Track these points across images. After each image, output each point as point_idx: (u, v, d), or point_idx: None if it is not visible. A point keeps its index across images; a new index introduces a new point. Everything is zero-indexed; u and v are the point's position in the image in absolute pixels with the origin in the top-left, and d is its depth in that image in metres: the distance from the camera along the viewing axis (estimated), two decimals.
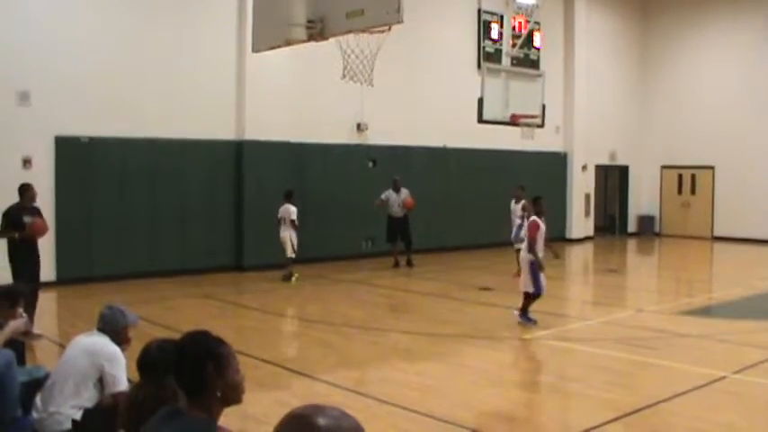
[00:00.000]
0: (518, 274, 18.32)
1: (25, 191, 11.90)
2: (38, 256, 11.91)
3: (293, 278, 17.33)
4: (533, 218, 12.94)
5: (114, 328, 6.14)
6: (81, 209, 16.33)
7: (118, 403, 5.20)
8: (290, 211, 17.25)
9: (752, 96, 27.49)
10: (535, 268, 12.56)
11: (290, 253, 17.40)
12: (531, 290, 12.63)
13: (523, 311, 12.69)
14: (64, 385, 5.99)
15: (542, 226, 12.75)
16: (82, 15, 16.44)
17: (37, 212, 11.94)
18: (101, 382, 6.00)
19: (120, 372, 6.00)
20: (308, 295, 16.48)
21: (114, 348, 6.04)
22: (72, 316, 13.14)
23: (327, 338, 12.09)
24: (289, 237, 17.31)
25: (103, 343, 6.06)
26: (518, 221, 18.08)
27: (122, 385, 5.89)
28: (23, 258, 11.60)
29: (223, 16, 18.43)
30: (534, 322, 12.53)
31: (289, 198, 17.40)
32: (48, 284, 15.18)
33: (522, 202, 18.42)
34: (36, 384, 6.51)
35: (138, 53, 17.12)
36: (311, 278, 17.60)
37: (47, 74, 15.87)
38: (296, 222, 17.23)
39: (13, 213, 11.66)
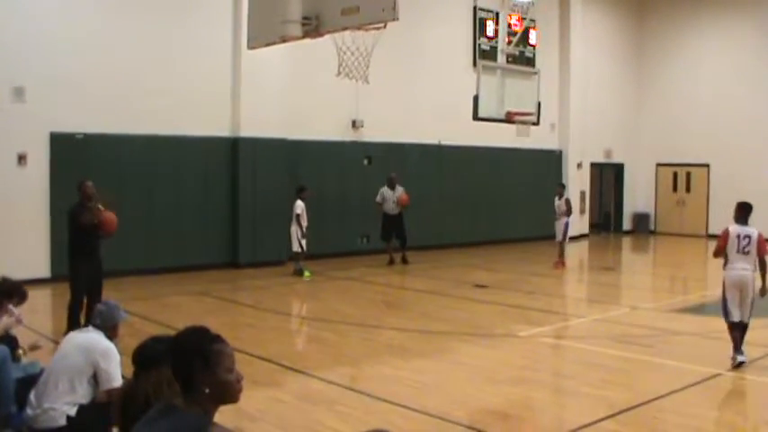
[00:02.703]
0: (560, 264, 19.43)
1: (79, 188, 11.16)
2: (101, 257, 11.29)
3: (305, 273, 17.39)
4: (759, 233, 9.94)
5: (110, 324, 6.16)
6: None
7: (112, 399, 5.20)
8: (295, 206, 17.41)
9: (746, 95, 27.53)
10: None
11: (295, 248, 17.48)
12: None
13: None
14: (58, 381, 5.98)
15: (731, 234, 9.92)
16: (77, 11, 16.42)
17: (102, 212, 11.09)
18: (95, 378, 6.00)
19: (115, 368, 5.99)
20: (303, 292, 16.49)
21: (108, 344, 6.04)
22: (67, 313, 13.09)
23: (322, 335, 12.10)
24: (294, 232, 17.40)
25: (97, 339, 6.06)
26: (564, 219, 19.59)
27: (117, 381, 5.88)
28: (86, 260, 11.07)
29: (218, 13, 18.40)
30: (739, 363, 9.72)
31: (299, 193, 17.55)
32: (42, 281, 15.20)
33: (565, 197, 19.76)
34: (31, 380, 6.50)
35: (134, 49, 17.08)
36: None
37: (42, 70, 15.84)
38: (300, 218, 17.30)
39: (76, 213, 11.01)
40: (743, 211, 10.07)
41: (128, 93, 16.97)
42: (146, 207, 17.34)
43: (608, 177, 30.58)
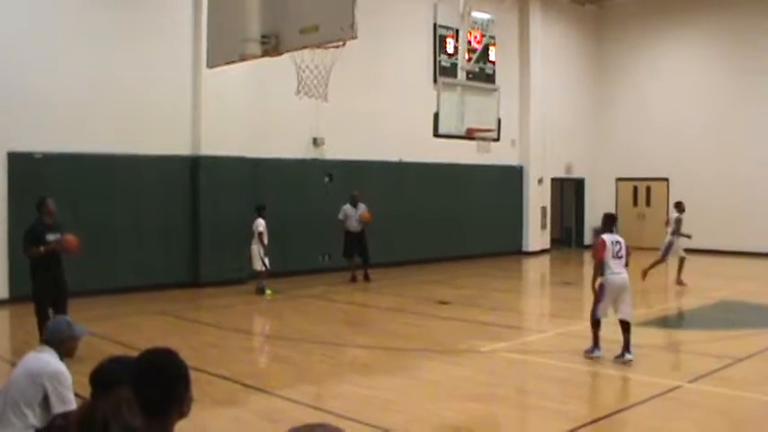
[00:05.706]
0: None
1: (40, 205, 11.20)
2: (62, 270, 11.27)
3: (267, 292, 17.29)
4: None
5: (57, 339, 5.97)
6: None
7: (69, 422, 5.09)
8: (256, 224, 17.29)
9: (702, 110, 28.00)
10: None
11: (258, 267, 17.37)
12: None
13: None
14: (9, 407, 5.81)
15: (607, 243, 11.03)
16: (36, 31, 16.24)
17: (60, 229, 11.22)
18: (47, 401, 5.81)
19: (66, 390, 5.80)
20: (265, 311, 16.42)
21: (58, 366, 5.84)
22: (25, 334, 12.86)
23: (284, 354, 12.05)
24: (256, 250, 17.30)
25: (46, 361, 5.85)
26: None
27: (70, 404, 5.72)
28: (45, 274, 11.06)
29: (178, 32, 18.32)
30: (595, 357, 11.16)
31: (259, 212, 17.44)
32: (0, 302, 14.99)
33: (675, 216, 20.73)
34: None
35: (93, 68, 16.95)
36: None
37: None
38: (262, 236, 17.21)
39: (35, 231, 11.06)
40: (612, 222, 11.93)
41: (87, 112, 16.83)
42: (106, 226, 17.15)
43: (569, 192, 30.82)
